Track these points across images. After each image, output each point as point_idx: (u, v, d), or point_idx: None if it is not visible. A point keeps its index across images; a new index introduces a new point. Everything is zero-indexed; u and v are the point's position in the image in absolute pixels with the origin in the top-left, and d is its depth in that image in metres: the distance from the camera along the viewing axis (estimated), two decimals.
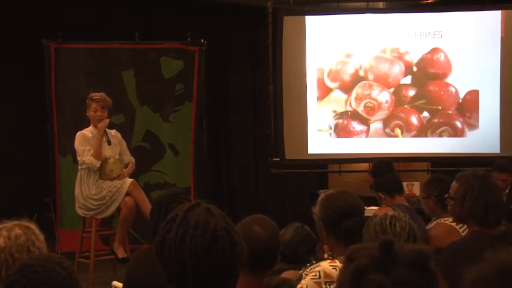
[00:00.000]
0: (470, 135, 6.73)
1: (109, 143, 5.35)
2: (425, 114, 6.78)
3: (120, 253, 5.28)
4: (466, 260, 2.73)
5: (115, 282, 3.33)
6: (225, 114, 7.86)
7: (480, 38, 6.69)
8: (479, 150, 6.66)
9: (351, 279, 1.08)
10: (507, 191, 5.34)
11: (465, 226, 3.12)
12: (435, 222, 3.93)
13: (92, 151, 5.25)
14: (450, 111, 6.76)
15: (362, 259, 1.09)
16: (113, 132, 5.54)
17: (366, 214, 2.59)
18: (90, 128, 5.40)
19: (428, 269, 1.11)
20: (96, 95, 5.40)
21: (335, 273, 2.36)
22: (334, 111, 6.84)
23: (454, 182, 2.87)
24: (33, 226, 2.01)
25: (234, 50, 7.77)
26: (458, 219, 2.94)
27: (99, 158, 5.25)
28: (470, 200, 2.75)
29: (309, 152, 6.86)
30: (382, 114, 6.80)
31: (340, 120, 6.84)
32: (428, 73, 6.77)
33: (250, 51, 7.77)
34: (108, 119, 5.40)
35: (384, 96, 6.80)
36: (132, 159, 5.58)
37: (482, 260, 0.97)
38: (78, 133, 5.37)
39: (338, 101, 6.83)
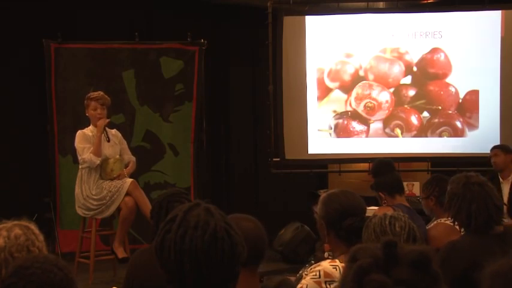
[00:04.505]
0: (470, 135, 6.72)
1: (108, 139, 5.36)
2: (425, 114, 6.77)
3: (120, 253, 5.28)
4: (461, 260, 2.73)
5: None
6: (225, 114, 7.86)
7: (480, 38, 6.69)
8: (479, 150, 6.64)
9: (353, 279, 1.08)
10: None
11: None
12: (435, 222, 3.93)
13: (92, 148, 5.26)
14: (450, 111, 6.75)
15: (365, 259, 1.09)
16: (113, 131, 5.56)
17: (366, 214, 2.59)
18: (91, 127, 5.41)
19: (430, 269, 1.11)
20: (94, 94, 5.43)
21: (335, 272, 2.36)
22: (334, 111, 6.83)
23: (448, 185, 2.89)
24: (32, 226, 2.01)
25: (234, 50, 7.77)
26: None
27: (98, 155, 5.26)
28: (454, 208, 2.78)
29: (309, 152, 6.85)
30: (382, 114, 6.79)
31: (340, 120, 6.84)
32: (428, 73, 6.76)
33: (250, 51, 7.76)
34: (109, 120, 5.42)
35: (383, 96, 6.79)
36: (133, 158, 5.58)
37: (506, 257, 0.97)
38: (79, 132, 5.39)
39: (338, 101, 6.83)
